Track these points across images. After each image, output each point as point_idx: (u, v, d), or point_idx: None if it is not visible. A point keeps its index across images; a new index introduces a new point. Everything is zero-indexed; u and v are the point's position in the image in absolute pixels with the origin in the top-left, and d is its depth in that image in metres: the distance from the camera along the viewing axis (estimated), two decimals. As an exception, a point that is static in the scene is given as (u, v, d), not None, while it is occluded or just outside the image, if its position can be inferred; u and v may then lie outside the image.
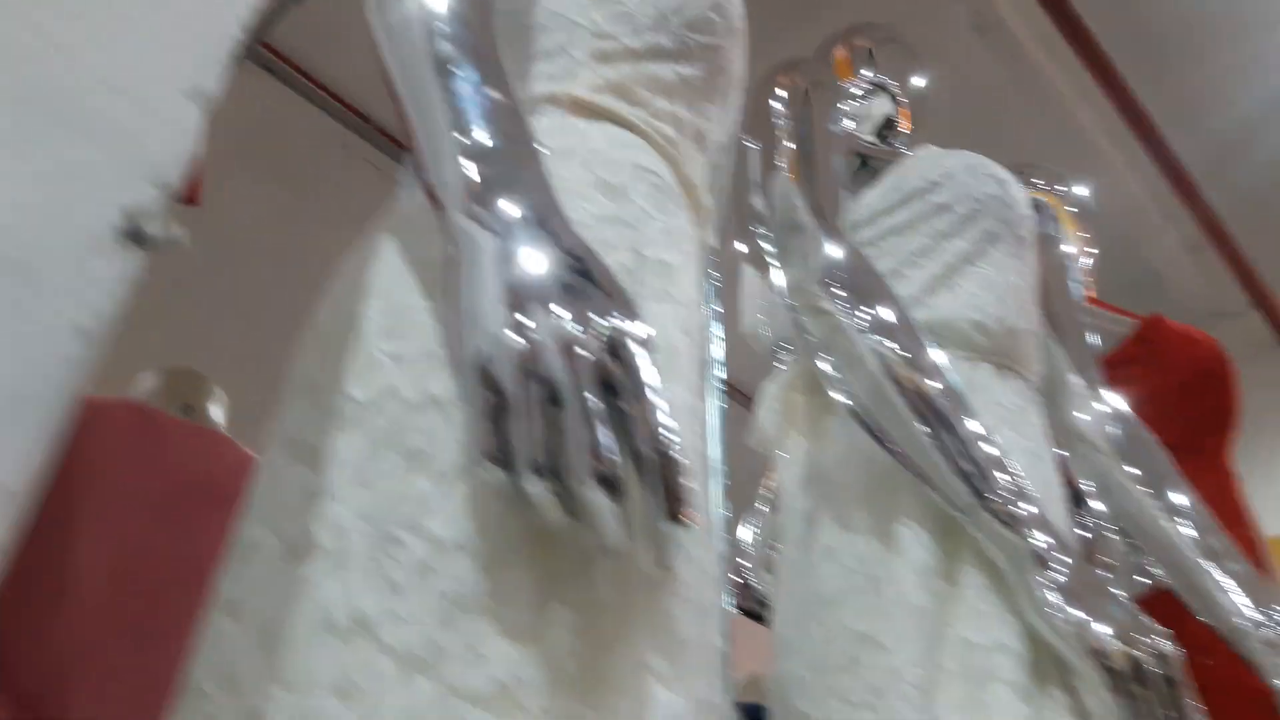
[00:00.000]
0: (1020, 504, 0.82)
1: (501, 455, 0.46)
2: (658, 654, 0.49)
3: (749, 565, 1.58)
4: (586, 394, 0.46)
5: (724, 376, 1.32)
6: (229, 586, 0.55)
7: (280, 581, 0.52)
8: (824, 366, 0.92)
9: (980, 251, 1.05)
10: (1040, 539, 0.80)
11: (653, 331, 0.49)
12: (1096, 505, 1.11)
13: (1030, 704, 0.76)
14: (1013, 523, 0.81)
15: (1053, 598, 0.77)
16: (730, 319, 1.43)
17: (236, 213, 2.22)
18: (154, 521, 1.28)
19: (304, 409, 0.60)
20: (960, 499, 0.83)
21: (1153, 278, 3.81)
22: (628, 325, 0.48)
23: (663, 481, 0.46)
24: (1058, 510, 0.92)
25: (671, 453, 0.46)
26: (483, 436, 0.47)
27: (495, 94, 0.59)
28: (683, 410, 0.58)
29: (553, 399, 0.46)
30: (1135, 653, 0.75)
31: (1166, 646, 0.76)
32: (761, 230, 1.06)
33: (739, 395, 1.69)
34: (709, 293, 0.90)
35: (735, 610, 1.47)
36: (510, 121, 0.58)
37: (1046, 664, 0.79)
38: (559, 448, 0.46)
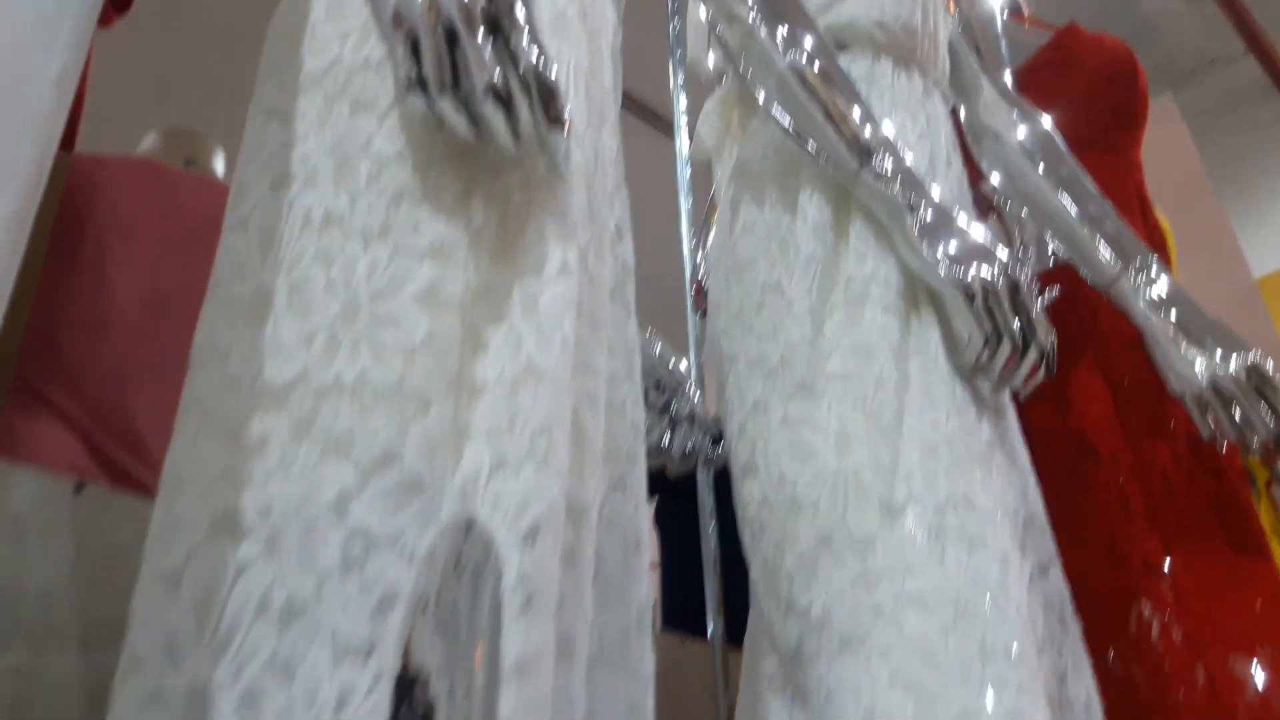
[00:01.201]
0: (896, 168, 0.96)
1: (417, 81, 0.61)
2: (554, 221, 0.66)
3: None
4: (479, 29, 0.60)
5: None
6: (234, 210, 0.71)
7: (269, 208, 0.68)
8: (740, 66, 1.05)
9: (886, -42, 1.15)
10: (913, 193, 0.95)
11: None
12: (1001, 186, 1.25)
13: (900, 320, 0.93)
14: (888, 181, 0.95)
15: (919, 236, 0.93)
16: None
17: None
18: (173, 258, 1.46)
19: (274, 87, 0.74)
20: (848, 167, 0.97)
21: (1148, 26, 3.78)
22: None
23: (540, 97, 0.61)
24: (941, 175, 1.07)
25: (545, 75, 0.61)
26: (402, 69, 0.61)
27: None
28: (562, 59, 0.72)
29: (451, 37, 0.60)
30: (984, 275, 0.91)
31: (1011, 270, 0.92)
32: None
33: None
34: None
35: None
36: None
37: (918, 292, 0.96)
38: (460, 73, 0.60)
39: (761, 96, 1.03)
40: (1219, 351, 1.01)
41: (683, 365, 1.28)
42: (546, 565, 0.57)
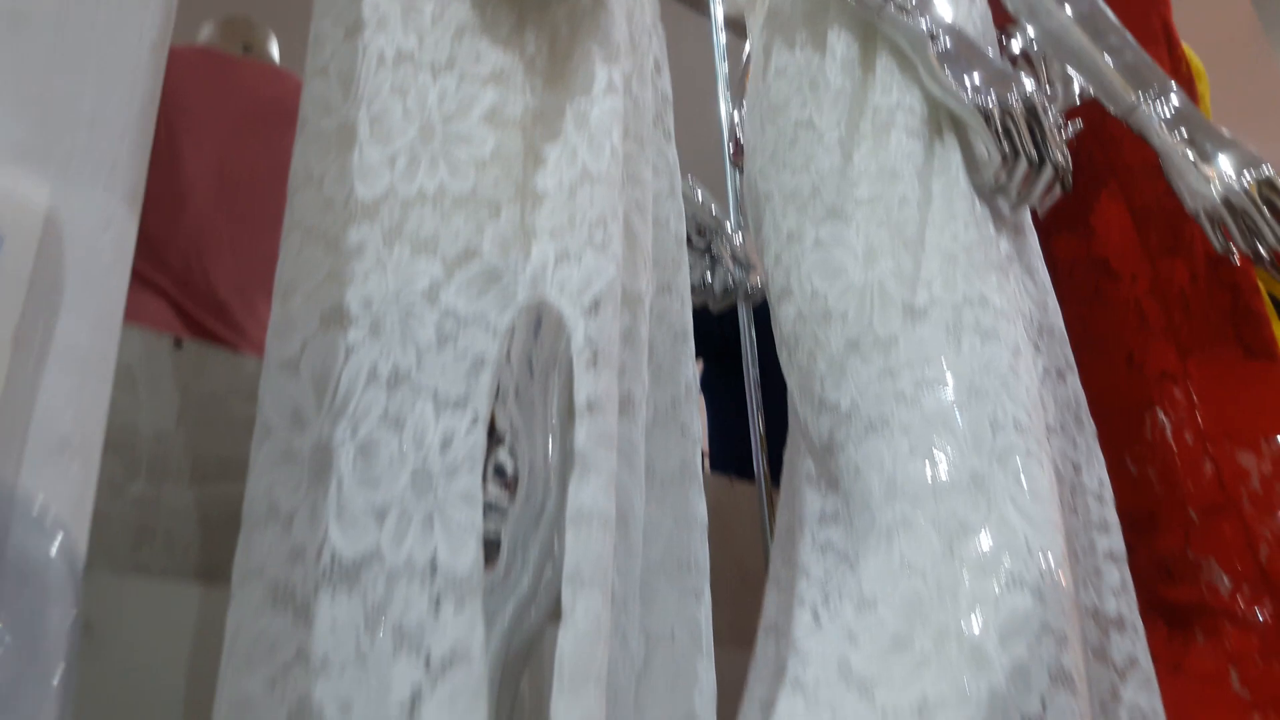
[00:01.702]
0: (918, 1, 1.01)
1: None
2: (599, 47, 0.74)
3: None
4: None
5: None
6: (312, 59, 0.79)
7: (346, 53, 0.76)
8: None
9: None
10: (934, 24, 1.00)
11: None
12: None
13: (924, 143, 1.00)
14: (910, 13, 1.01)
15: (940, 63, 0.99)
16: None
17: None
18: (238, 136, 1.55)
19: None
20: (872, 2, 1.03)
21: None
22: None
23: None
24: (964, 10, 1.11)
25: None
26: None
27: None
28: None
29: None
30: (1002, 98, 0.97)
31: (1035, 97, 0.98)
32: None
33: None
34: None
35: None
36: None
37: (941, 118, 1.02)
38: None
39: None
40: (1232, 167, 1.06)
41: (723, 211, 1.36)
42: (608, 331, 0.67)
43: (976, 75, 0.98)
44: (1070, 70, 1.25)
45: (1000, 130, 0.97)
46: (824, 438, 0.94)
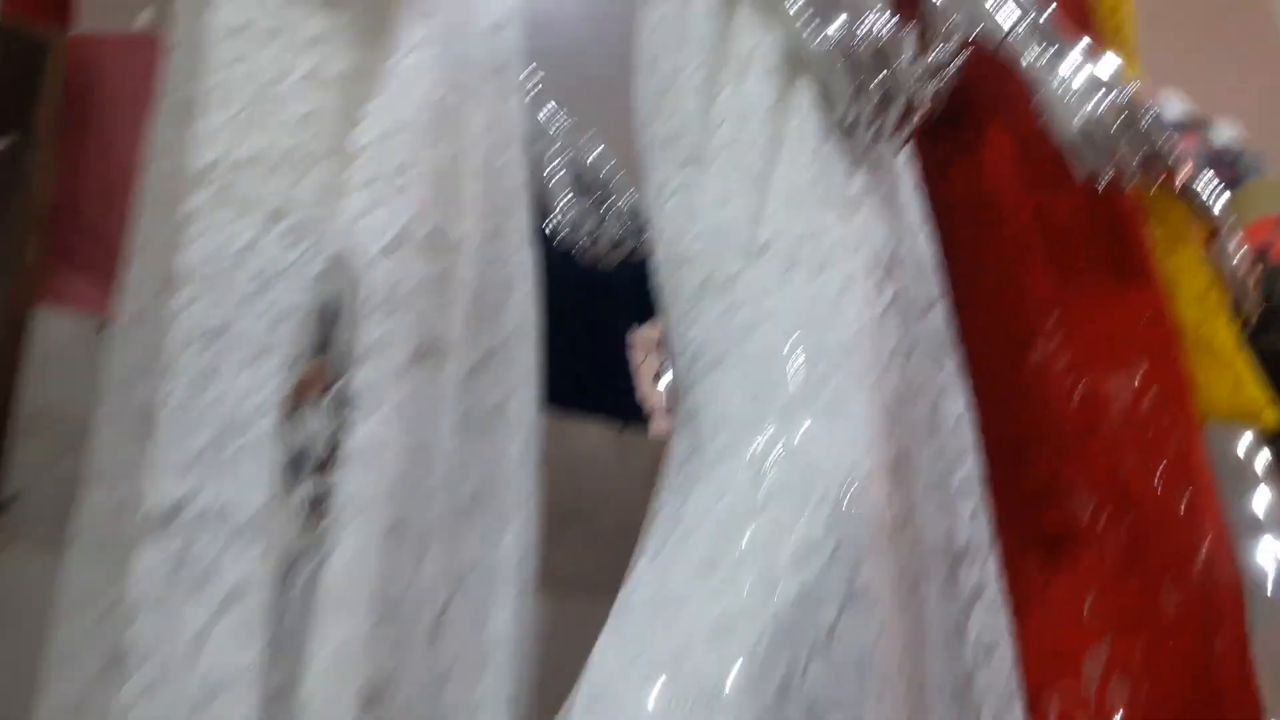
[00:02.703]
0: None
1: None
2: (410, 7, 0.78)
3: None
4: None
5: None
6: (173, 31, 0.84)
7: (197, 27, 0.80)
8: None
9: None
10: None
11: None
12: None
13: (778, 86, 1.01)
14: None
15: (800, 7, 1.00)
16: None
17: None
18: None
19: None
20: None
21: None
22: None
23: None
24: None
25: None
26: None
27: None
28: None
29: None
30: (847, 34, 0.98)
31: (878, 28, 0.98)
32: None
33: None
34: None
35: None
36: None
37: (800, 60, 1.02)
38: None
39: None
40: (1090, 92, 1.06)
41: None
42: (406, 271, 0.71)
43: (823, 9, 0.99)
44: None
45: (846, 66, 0.98)
46: (682, 379, 0.96)
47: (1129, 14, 1.65)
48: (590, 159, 1.37)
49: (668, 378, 1.00)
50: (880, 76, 0.98)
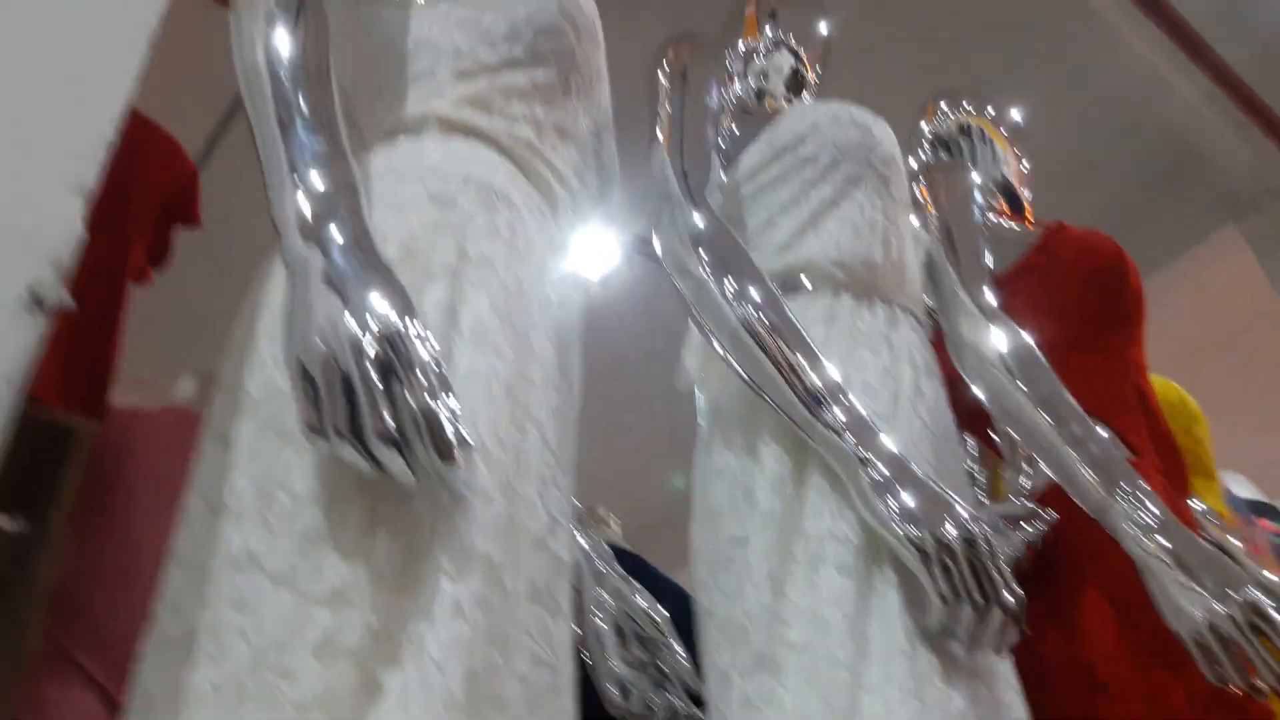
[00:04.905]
0: (850, 419, 0.96)
1: (317, 428, 0.64)
2: (449, 557, 0.67)
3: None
4: (372, 379, 0.63)
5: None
6: (178, 543, 0.75)
7: (206, 534, 0.71)
8: (696, 315, 1.08)
9: (843, 194, 1.18)
10: (866, 446, 0.95)
11: (418, 329, 0.66)
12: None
13: (856, 580, 0.91)
14: (841, 433, 0.95)
15: (872, 490, 0.92)
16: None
17: (245, 220, 2.44)
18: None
19: (223, 403, 0.79)
20: (801, 418, 0.98)
21: (1198, 158, 3.72)
22: (401, 323, 0.65)
23: (430, 435, 0.64)
24: (906, 413, 1.06)
25: (434, 412, 0.64)
26: (304, 415, 0.65)
27: (323, 143, 0.76)
28: (479, 374, 0.75)
29: (348, 386, 0.64)
30: (939, 532, 0.89)
31: (971, 526, 0.90)
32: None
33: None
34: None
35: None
36: (336, 166, 0.75)
37: (879, 548, 0.94)
38: (356, 419, 0.63)
39: (718, 347, 1.06)
40: (1215, 587, 0.96)
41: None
42: None
43: (909, 501, 0.91)
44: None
45: (938, 568, 0.89)
46: None
47: (1205, 432, 1.61)
48: (640, 608, 1.26)
49: None
50: (976, 576, 0.89)
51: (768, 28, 1.49)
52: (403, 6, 1.00)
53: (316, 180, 0.73)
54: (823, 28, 1.52)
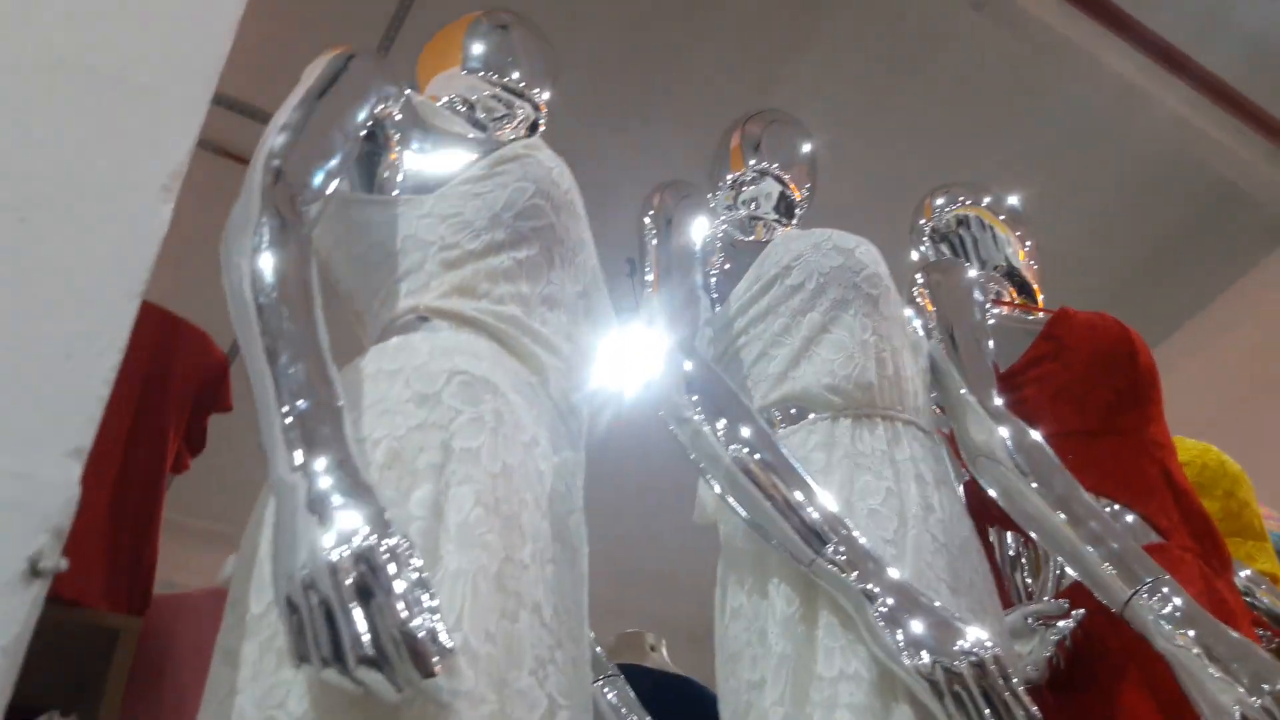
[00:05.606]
0: (852, 554, 0.97)
1: (301, 655, 0.67)
2: None
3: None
4: (348, 605, 0.67)
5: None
6: None
7: None
8: (694, 460, 1.10)
9: (833, 319, 1.20)
10: (870, 578, 0.95)
11: (394, 543, 0.70)
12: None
13: (873, 718, 0.91)
14: (845, 568, 0.96)
15: (880, 624, 0.92)
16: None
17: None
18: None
19: (231, 621, 0.83)
20: (804, 557, 0.98)
21: (1233, 191, 3.67)
22: (379, 543, 0.69)
23: (409, 652, 0.67)
24: (914, 532, 1.06)
25: (410, 631, 0.67)
26: (290, 644, 0.68)
27: (306, 371, 0.80)
28: (465, 573, 0.78)
29: (328, 612, 0.67)
30: (950, 664, 0.88)
31: (979, 651, 0.89)
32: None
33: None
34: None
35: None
36: (319, 390, 0.79)
37: (893, 682, 0.93)
38: (338, 645, 0.67)
39: (717, 489, 1.07)
40: (1250, 681, 0.93)
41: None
42: None
43: (917, 630, 0.91)
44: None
45: (950, 698, 0.88)
46: None
47: (1250, 494, 1.56)
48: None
49: None
50: (990, 700, 0.88)
51: (751, 160, 1.53)
52: (390, 206, 1.06)
53: (301, 407, 0.78)
54: (804, 149, 1.56)
